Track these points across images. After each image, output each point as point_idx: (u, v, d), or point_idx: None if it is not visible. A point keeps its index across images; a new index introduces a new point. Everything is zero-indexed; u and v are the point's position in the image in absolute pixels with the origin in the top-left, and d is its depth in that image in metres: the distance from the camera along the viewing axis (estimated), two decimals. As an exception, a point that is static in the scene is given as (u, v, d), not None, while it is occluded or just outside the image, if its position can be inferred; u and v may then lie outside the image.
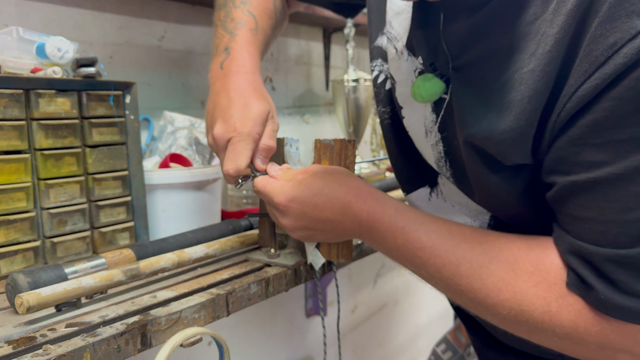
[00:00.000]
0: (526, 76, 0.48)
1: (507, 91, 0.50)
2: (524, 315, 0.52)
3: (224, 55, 0.75)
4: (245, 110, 0.68)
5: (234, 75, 0.72)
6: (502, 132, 0.50)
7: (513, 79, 0.49)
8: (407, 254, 0.59)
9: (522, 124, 0.49)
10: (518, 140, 0.50)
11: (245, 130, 0.67)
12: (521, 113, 0.49)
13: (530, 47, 0.48)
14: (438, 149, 0.63)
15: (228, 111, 0.69)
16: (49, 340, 0.53)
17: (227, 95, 0.70)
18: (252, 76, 0.73)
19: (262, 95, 0.71)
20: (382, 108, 0.74)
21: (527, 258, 0.53)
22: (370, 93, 1.55)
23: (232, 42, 0.75)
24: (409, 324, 2.32)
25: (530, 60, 0.48)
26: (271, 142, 0.70)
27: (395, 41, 0.67)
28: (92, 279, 0.63)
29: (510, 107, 0.50)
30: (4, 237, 0.70)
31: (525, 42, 0.49)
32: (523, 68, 0.49)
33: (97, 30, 1.07)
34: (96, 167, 0.81)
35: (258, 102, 0.69)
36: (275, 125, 0.72)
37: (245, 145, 0.67)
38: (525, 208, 0.56)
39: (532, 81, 0.48)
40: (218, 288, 0.69)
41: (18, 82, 0.71)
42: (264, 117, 0.69)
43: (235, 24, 0.76)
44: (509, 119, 0.50)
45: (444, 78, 0.58)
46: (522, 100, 0.48)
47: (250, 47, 0.75)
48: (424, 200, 0.72)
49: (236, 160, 0.66)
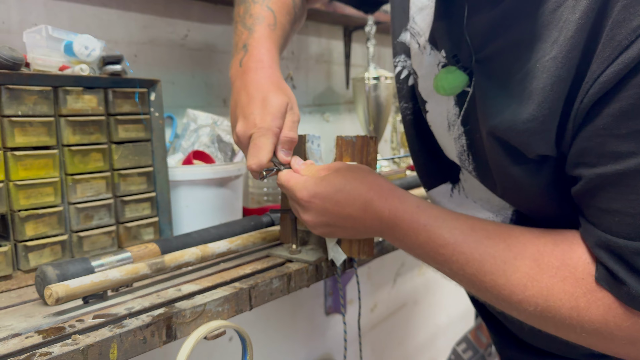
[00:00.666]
0: (548, 64, 0.48)
1: (530, 80, 0.49)
2: (551, 311, 0.51)
3: (242, 52, 0.75)
4: (263, 106, 0.69)
5: (252, 72, 0.73)
6: (524, 121, 0.50)
7: (535, 68, 0.49)
8: (430, 251, 0.59)
9: (545, 113, 0.49)
10: (541, 129, 0.49)
11: (265, 125, 0.68)
12: (544, 101, 0.48)
13: (552, 35, 0.48)
14: (460, 143, 0.63)
15: (248, 108, 0.70)
16: (78, 330, 0.54)
17: (246, 93, 0.71)
18: (270, 70, 0.73)
19: (279, 89, 0.72)
20: (404, 104, 0.75)
21: (552, 253, 0.52)
22: (391, 91, 1.55)
23: (250, 38, 0.76)
24: (428, 323, 2.31)
25: (552, 48, 0.48)
26: (291, 134, 0.70)
27: (418, 36, 0.67)
28: (118, 272, 0.64)
29: (532, 96, 0.49)
30: (33, 231, 0.72)
31: (548, 31, 0.48)
32: (545, 56, 0.48)
33: (122, 29, 1.09)
34: (122, 163, 0.82)
35: (276, 96, 0.70)
36: (295, 117, 0.72)
37: (265, 140, 0.68)
38: (549, 201, 0.55)
39: (554, 68, 0.47)
40: (241, 282, 0.69)
41: (47, 80, 0.73)
42: (282, 110, 0.70)
43: (253, 20, 0.77)
44: (532, 107, 0.49)
45: (467, 70, 0.58)
46: (545, 88, 0.48)
47: (268, 42, 0.76)
48: (445, 196, 0.72)
49: (258, 155, 0.67)
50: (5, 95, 0.69)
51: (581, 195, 0.51)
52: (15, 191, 0.70)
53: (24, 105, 0.71)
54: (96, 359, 0.52)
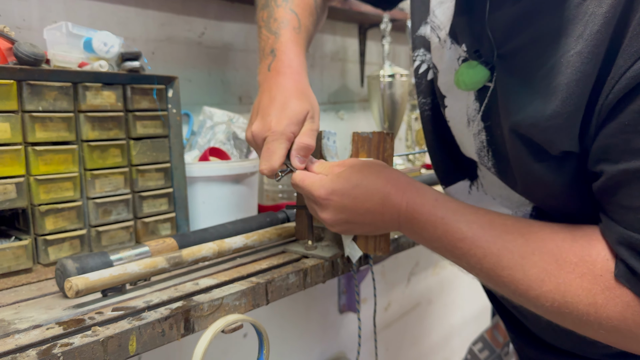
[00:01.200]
0: (573, 59, 0.47)
1: (554, 76, 0.49)
2: (568, 307, 0.51)
3: (271, 57, 0.75)
4: (283, 109, 0.69)
5: (280, 76, 0.73)
6: (548, 118, 0.49)
7: (559, 63, 0.49)
8: (447, 245, 0.59)
9: (569, 109, 0.48)
10: (565, 126, 0.49)
11: (279, 129, 0.67)
12: (568, 97, 0.48)
13: (577, 30, 0.47)
14: (480, 139, 0.63)
15: (267, 110, 0.70)
16: (97, 322, 0.55)
17: (269, 95, 0.71)
18: (298, 76, 0.73)
19: (304, 95, 0.71)
20: (422, 99, 0.74)
21: (571, 249, 0.52)
22: (406, 89, 1.54)
23: (277, 43, 0.76)
24: (442, 323, 2.30)
25: (578, 43, 0.47)
26: (307, 140, 0.69)
27: (439, 30, 0.67)
28: (137, 265, 0.65)
29: (556, 92, 0.49)
30: (52, 225, 0.73)
31: (573, 25, 0.48)
32: (570, 51, 0.48)
33: (140, 27, 1.10)
34: (140, 159, 0.83)
35: (298, 102, 0.70)
36: (314, 125, 0.71)
37: (278, 145, 0.67)
38: (570, 198, 0.55)
39: (579, 64, 0.47)
40: (258, 277, 0.70)
41: (67, 76, 0.74)
42: (300, 116, 0.69)
43: (278, 24, 0.77)
44: (556, 104, 0.49)
45: (489, 66, 0.58)
46: (569, 84, 0.48)
47: (296, 47, 0.76)
48: (463, 193, 0.71)
49: (270, 160, 0.67)
50: (26, 91, 0.70)
51: (603, 191, 0.50)
52: (36, 186, 0.71)
53: (45, 101, 0.72)
54: (115, 350, 0.52)
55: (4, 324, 0.54)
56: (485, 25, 0.56)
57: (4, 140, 0.68)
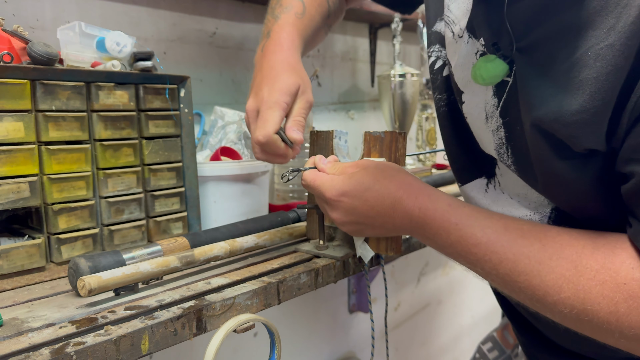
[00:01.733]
0: (603, 52, 0.45)
1: (579, 70, 0.47)
2: (587, 315, 0.49)
3: (265, 39, 0.76)
4: (273, 83, 0.69)
5: (270, 54, 0.73)
6: (574, 113, 0.48)
7: (587, 56, 0.47)
8: (462, 251, 0.58)
9: (597, 104, 0.46)
10: (592, 122, 0.47)
11: (272, 99, 0.68)
12: (597, 92, 0.46)
13: (607, 21, 0.45)
14: (499, 135, 0.61)
15: (259, 85, 0.70)
16: (110, 321, 0.55)
17: (260, 73, 0.72)
18: (287, 52, 0.74)
19: (293, 70, 0.72)
20: (438, 95, 0.73)
21: (592, 256, 0.50)
22: (417, 88, 1.54)
23: (275, 25, 0.77)
24: (452, 324, 2.29)
25: (609, 35, 0.45)
26: (300, 117, 0.70)
27: (453, 25, 0.65)
28: (149, 264, 0.65)
29: (583, 86, 0.47)
30: (65, 224, 0.73)
31: (601, 17, 0.46)
32: (599, 44, 0.46)
33: (152, 27, 1.10)
34: (152, 158, 0.83)
35: (288, 75, 0.70)
36: (307, 102, 0.72)
37: (272, 112, 0.67)
38: (594, 199, 0.53)
39: (610, 56, 0.45)
40: (269, 277, 0.70)
41: (80, 75, 0.74)
42: (292, 89, 0.70)
43: (281, 9, 0.78)
44: (582, 98, 0.47)
45: (508, 59, 0.56)
46: (598, 78, 0.46)
47: (290, 28, 0.76)
48: (480, 191, 0.70)
49: (265, 127, 0.67)
50: (40, 90, 0.70)
51: (632, 194, 0.48)
52: (49, 184, 0.71)
53: (58, 100, 0.72)
54: (128, 349, 0.52)
55: (17, 323, 0.55)
56: (504, 18, 0.55)
57: (18, 139, 0.68)
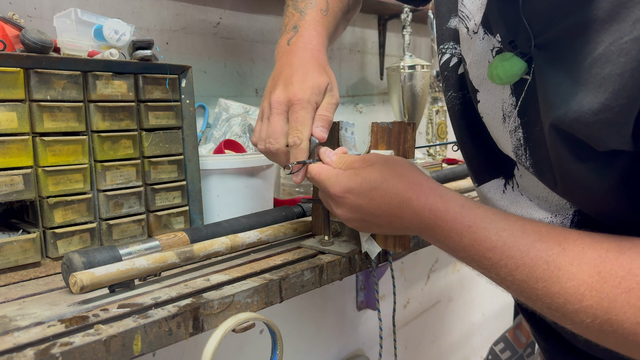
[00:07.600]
0: (628, 46, 0.42)
1: (602, 66, 0.44)
2: (612, 325, 0.45)
3: (292, 32, 0.76)
4: (304, 80, 0.70)
5: (299, 51, 0.74)
6: (596, 112, 0.44)
7: (610, 52, 0.43)
8: (475, 255, 0.54)
9: (622, 102, 0.43)
10: (616, 121, 0.43)
11: (305, 97, 0.68)
12: (621, 89, 0.42)
13: (634, 14, 0.42)
14: (517, 136, 0.58)
15: (290, 79, 0.71)
16: (101, 320, 0.52)
17: (290, 67, 0.72)
18: (317, 52, 0.75)
19: (323, 69, 0.73)
20: (452, 93, 0.70)
21: (617, 261, 0.46)
22: (427, 81, 1.50)
23: (302, 20, 0.77)
24: (463, 321, 2.26)
25: (634, 28, 0.42)
26: (328, 113, 0.71)
27: (467, 20, 0.62)
28: (145, 260, 0.62)
29: (606, 84, 0.43)
30: (61, 218, 0.71)
31: (626, 10, 0.42)
32: (623, 37, 0.42)
33: (154, 17, 1.07)
34: (152, 151, 0.80)
35: (318, 74, 0.71)
36: (334, 99, 0.73)
37: (306, 114, 0.68)
38: (619, 202, 0.49)
39: (636, 51, 0.41)
40: (271, 273, 0.67)
41: (76, 64, 0.72)
42: (322, 87, 0.71)
43: (306, 4, 0.79)
44: (605, 96, 0.44)
45: (526, 57, 0.53)
46: (623, 74, 0.42)
47: (319, 26, 0.77)
48: (497, 192, 0.66)
49: (301, 130, 0.68)
50: (34, 79, 0.67)
51: None
52: (44, 177, 0.69)
53: (53, 90, 0.69)
54: (119, 350, 0.50)
55: (4, 321, 0.52)
56: (521, 13, 0.52)
57: (11, 130, 0.66)
